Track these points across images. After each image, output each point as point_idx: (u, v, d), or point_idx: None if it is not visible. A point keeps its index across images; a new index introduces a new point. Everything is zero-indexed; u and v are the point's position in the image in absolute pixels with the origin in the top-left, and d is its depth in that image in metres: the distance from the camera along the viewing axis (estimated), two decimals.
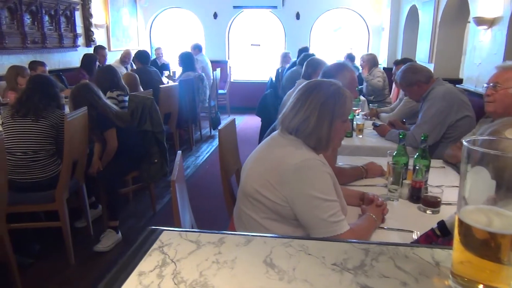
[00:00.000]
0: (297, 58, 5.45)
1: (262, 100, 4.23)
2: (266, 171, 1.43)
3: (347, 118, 1.51)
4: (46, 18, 5.48)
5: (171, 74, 6.70)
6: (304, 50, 5.94)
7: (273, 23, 8.75)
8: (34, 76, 2.92)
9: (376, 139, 2.93)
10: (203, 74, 6.04)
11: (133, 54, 6.08)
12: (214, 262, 0.76)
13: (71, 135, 2.66)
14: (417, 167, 1.81)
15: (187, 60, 5.68)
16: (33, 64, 4.38)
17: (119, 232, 3.05)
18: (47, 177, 2.69)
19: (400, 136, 1.95)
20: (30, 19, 5.18)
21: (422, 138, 1.92)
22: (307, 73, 3.64)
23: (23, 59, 4.98)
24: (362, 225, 1.48)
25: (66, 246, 2.73)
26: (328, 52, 8.39)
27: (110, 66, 3.85)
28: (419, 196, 1.76)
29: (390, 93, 5.64)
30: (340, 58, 6.85)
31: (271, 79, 5.56)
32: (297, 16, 8.26)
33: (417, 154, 1.91)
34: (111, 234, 2.97)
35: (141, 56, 5.46)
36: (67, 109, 3.41)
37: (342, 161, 2.30)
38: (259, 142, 2.92)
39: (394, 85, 5.45)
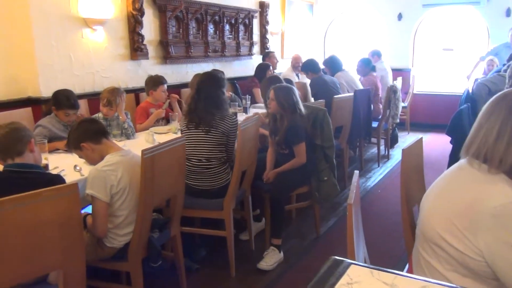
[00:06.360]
0: (505, 64, 4.76)
1: (456, 117, 3.83)
2: (453, 212, 1.25)
3: None
4: (227, 27, 6.18)
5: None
6: None
7: (473, 23, 7.94)
8: (197, 82, 3.22)
9: None
10: (396, 84, 5.83)
11: (302, 60, 6.24)
12: None
13: (243, 143, 2.90)
14: None
15: (309, 66, 5.49)
16: None
17: (281, 251, 3.16)
18: (217, 186, 2.99)
19: None
20: (213, 29, 5.93)
21: None
22: None
23: (204, 68, 5.70)
24: None
25: (229, 257, 2.96)
26: None
27: (274, 76, 4.07)
28: None
29: None
30: None
31: (467, 91, 5.01)
32: (507, 12, 7.31)
33: None
34: (274, 253, 3.09)
35: (308, 66, 5.46)
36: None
37: None
38: (449, 168, 2.64)
39: None
